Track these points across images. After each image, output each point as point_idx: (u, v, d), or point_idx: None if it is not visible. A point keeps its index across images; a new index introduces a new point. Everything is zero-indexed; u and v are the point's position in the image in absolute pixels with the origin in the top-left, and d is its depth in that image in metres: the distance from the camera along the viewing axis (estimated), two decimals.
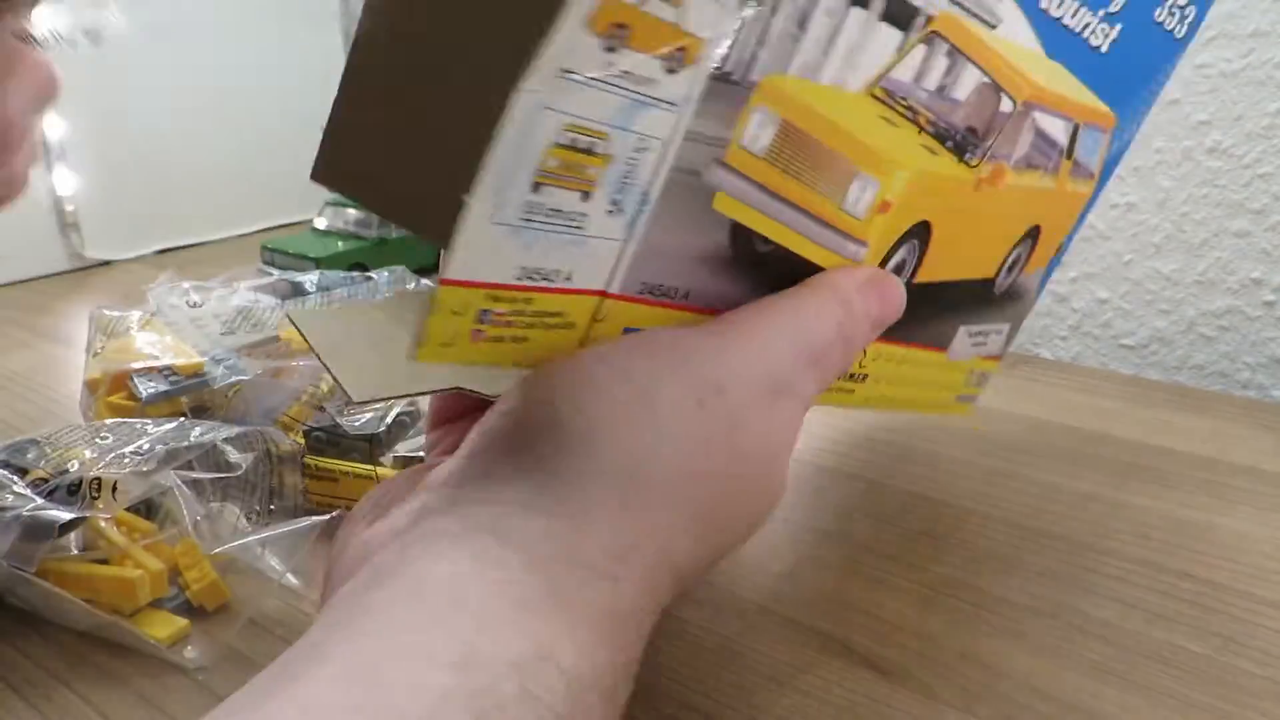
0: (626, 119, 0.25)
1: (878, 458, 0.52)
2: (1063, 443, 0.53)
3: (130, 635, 0.37)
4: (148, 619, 0.38)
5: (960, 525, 0.45)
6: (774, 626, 0.38)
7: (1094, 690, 0.35)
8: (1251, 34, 0.60)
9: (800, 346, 0.30)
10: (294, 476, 0.44)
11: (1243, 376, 0.66)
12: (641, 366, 0.28)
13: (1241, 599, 0.40)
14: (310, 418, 0.47)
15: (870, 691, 0.35)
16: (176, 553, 0.39)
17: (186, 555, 0.39)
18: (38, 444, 0.42)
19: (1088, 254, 0.69)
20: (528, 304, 0.27)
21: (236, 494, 0.42)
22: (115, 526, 0.39)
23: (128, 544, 0.39)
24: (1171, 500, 0.47)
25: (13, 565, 0.36)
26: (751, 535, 0.31)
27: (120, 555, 0.38)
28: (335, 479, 0.44)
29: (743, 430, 0.28)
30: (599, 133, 0.25)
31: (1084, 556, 0.43)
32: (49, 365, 0.67)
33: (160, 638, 0.37)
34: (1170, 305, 0.67)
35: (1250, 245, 0.63)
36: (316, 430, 0.45)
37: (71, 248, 0.94)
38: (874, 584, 0.41)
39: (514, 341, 0.28)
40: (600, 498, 0.26)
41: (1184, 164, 0.64)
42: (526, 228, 0.25)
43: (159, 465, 0.40)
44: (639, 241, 0.28)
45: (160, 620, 0.38)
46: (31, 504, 0.37)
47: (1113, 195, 0.67)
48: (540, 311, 0.28)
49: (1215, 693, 0.34)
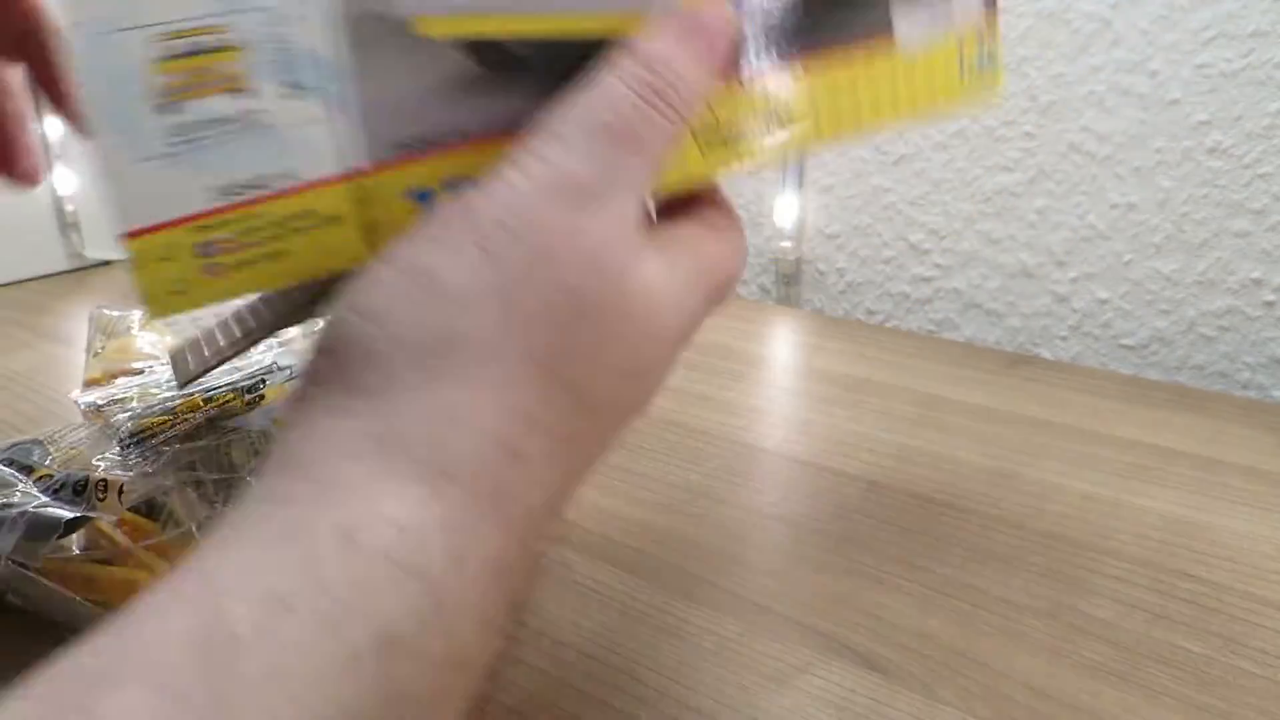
0: (228, 2, 0.23)
1: (878, 458, 0.52)
2: (1063, 443, 0.53)
3: None
4: None
5: (960, 525, 0.45)
6: (774, 626, 0.38)
7: (1094, 690, 0.35)
8: (1251, 34, 0.60)
9: (591, 132, 0.25)
10: None
11: (1243, 376, 0.66)
12: (421, 247, 0.24)
13: (1241, 599, 0.40)
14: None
15: (870, 691, 0.35)
16: (180, 553, 0.39)
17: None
18: (41, 444, 0.42)
19: (1088, 254, 0.69)
20: (256, 219, 0.25)
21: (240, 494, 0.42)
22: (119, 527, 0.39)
23: (131, 544, 0.39)
24: (1171, 500, 0.47)
25: (16, 562, 0.36)
26: (640, 380, 0.28)
27: (124, 556, 0.38)
28: None
29: (549, 258, 0.24)
30: (208, 29, 0.23)
31: (1084, 556, 0.43)
32: (49, 365, 0.67)
33: None
34: (1170, 305, 0.67)
35: (1250, 245, 0.64)
36: None
37: (71, 248, 0.94)
38: (874, 584, 0.41)
39: (272, 259, 0.26)
40: (413, 381, 0.23)
41: (1184, 164, 0.65)
42: (188, 150, 0.24)
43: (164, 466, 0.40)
44: (356, 107, 0.25)
45: None
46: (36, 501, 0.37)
47: (1113, 195, 0.67)
48: (279, 219, 0.25)
49: (1215, 693, 0.34)
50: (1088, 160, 0.68)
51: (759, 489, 0.49)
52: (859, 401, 0.59)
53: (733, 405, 0.59)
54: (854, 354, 0.67)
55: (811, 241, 0.83)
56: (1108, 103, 0.66)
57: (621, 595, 0.40)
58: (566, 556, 0.43)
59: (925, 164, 0.75)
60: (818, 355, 0.67)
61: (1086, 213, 0.69)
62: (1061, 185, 0.69)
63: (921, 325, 0.79)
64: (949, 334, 0.77)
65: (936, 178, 0.75)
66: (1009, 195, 0.72)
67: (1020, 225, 0.72)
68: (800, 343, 0.70)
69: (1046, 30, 0.67)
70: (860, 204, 0.79)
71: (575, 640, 0.38)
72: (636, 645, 0.37)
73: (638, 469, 0.51)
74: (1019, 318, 0.74)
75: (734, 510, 0.47)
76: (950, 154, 0.74)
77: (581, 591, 0.41)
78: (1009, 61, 0.69)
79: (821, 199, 0.81)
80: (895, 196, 0.77)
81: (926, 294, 0.78)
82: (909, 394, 0.60)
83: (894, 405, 0.59)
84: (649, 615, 0.39)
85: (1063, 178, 0.69)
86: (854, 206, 0.80)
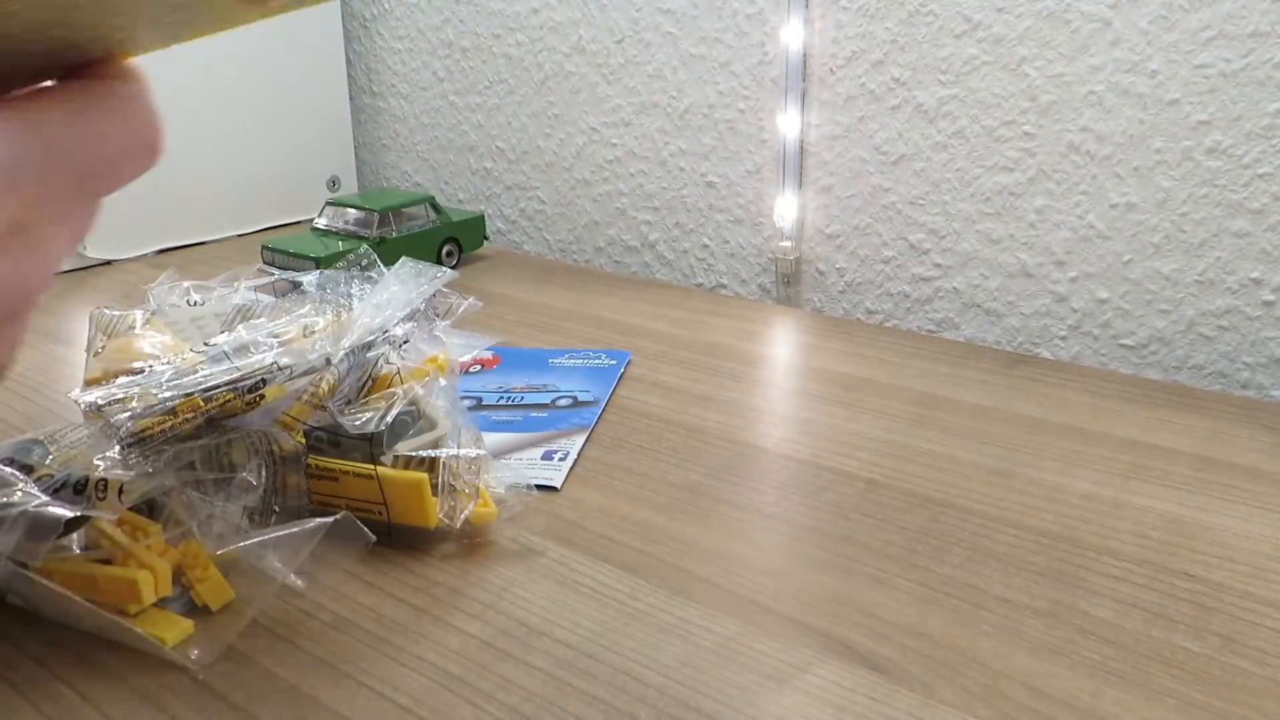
0: None
1: (877, 457, 0.52)
2: (1063, 442, 0.53)
3: (133, 636, 0.37)
4: (151, 619, 0.38)
5: (960, 525, 0.45)
6: (774, 626, 0.38)
7: (1094, 690, 0.35)
8: (1251, 34, 0.60)
9: None
10: (297, 477, 0.44)
11: (1242, 376, 0.66)
12: None
13: (1241, 599, 0.40)
14: (310, 417, 0.47)
15: (870, 691, 0.35)
16: (180, 553, 0.39)
17: (190, 556, 0.39)
18: (41, 443, 0.42)
19: (1088, 254, 0.70)
20: None
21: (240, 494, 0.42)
22: (119, 527, 0.39)
23: (131, 544, 0.39)
24: (1171, 500, 0.47)
25: (16, 562, 0.36)
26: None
27: (123, 555, 0.38)
28: (336, 478, 0.44)
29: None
30: None
31: (1084, 556, 0.43)
32: (49, 365, 0.67)
33: (164, 639, 0.37)
34: (1170, 305, 0.67)
35: (1250, 245, 0.64)
36: (317, 430, 0.45)
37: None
38: (874, 584, 0.41)
39: None
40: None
41: (1184, 164, 0.65)
42: None
43: (164, 466, 0.40)
44: None
45: (164, 620, 0.38)
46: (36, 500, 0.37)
47: (1112, 195, 0.68)
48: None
49: (1215, 693, 0.34)
50: (1087, 160, 0.68)
51: (759, 489, 0.49)
52: (858, 401, 0.59)
53: (733, 405, 0.59)
54: (853, 354, 0.67)
55: (811, 241, 0.83)
56: (1108, 103, 0.66)
57: (621, 595, 0.40)
58: (566, 556, 0.43)
59: (925, 164, 0.75)
60: (817, 355, 0.67)
61: (1086, 212, 0.69)
62: (1061, 185, 0.70)
63: (921, 325, 0.79)
64: (948, 334, 0.77)
65: (936, 178, 0.75)
66: (1009, 195, 0.72)
67: (1020, 225, 0.72)
68: (800, 342, 0.70)
69: (1046, 30, 0.67)
70: (860, 204, 0.79)
71: (575, 640, 0.38)
72: (636, 645, 0.37)
73: (638, 469, 0.51)
74: (1018, 317, 0.74)
75: (734, 510, 0.47)
76: (950, 154, 0.74)
77: (581, 591, 0.41)
78: (1009, 61, 0.69)
79: (821, 199, 0.81)
80: (895, 196, 0.77)
81: (926, 294, 0.78)
82: (908, 393, 0.60)
83: (893, 405, 0.59)
84: (649, 615, 0.39)
85: (1062, 178, 0.69)
86: (854, 206, 0.80)
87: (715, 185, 0.87)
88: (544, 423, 0.56)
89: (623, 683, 0.35)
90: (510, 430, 0.55)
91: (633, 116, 0.91)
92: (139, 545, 0.39)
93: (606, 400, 0.60)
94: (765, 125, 0.83)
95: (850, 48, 0.76)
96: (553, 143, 0.98)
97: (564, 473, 0.51)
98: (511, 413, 0.58)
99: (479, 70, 1.02)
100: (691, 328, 0.73)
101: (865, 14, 0.75)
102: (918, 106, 0.74)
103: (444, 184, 1.10)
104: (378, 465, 0.43)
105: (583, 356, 0.66)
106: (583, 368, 0.64)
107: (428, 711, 0.34)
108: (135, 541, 0.39)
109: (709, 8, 0.83)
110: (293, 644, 0.38)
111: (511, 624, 0.39)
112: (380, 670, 0.36)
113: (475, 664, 0.36)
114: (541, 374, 0.63)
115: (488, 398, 0.60)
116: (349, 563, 0.43)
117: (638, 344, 0.69)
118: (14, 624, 0.39)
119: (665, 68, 0.87)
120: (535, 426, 0.56)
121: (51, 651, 0.37)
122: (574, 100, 0.95)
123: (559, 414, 0.57)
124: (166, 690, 0.35)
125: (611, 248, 0.97)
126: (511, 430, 0.55)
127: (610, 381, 0.62)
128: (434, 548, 0.44)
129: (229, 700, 0.35)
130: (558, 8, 0.93)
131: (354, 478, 0.43)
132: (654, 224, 0.93)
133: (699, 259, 0.91)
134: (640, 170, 0.92)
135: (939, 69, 0.73)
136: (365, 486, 0.43)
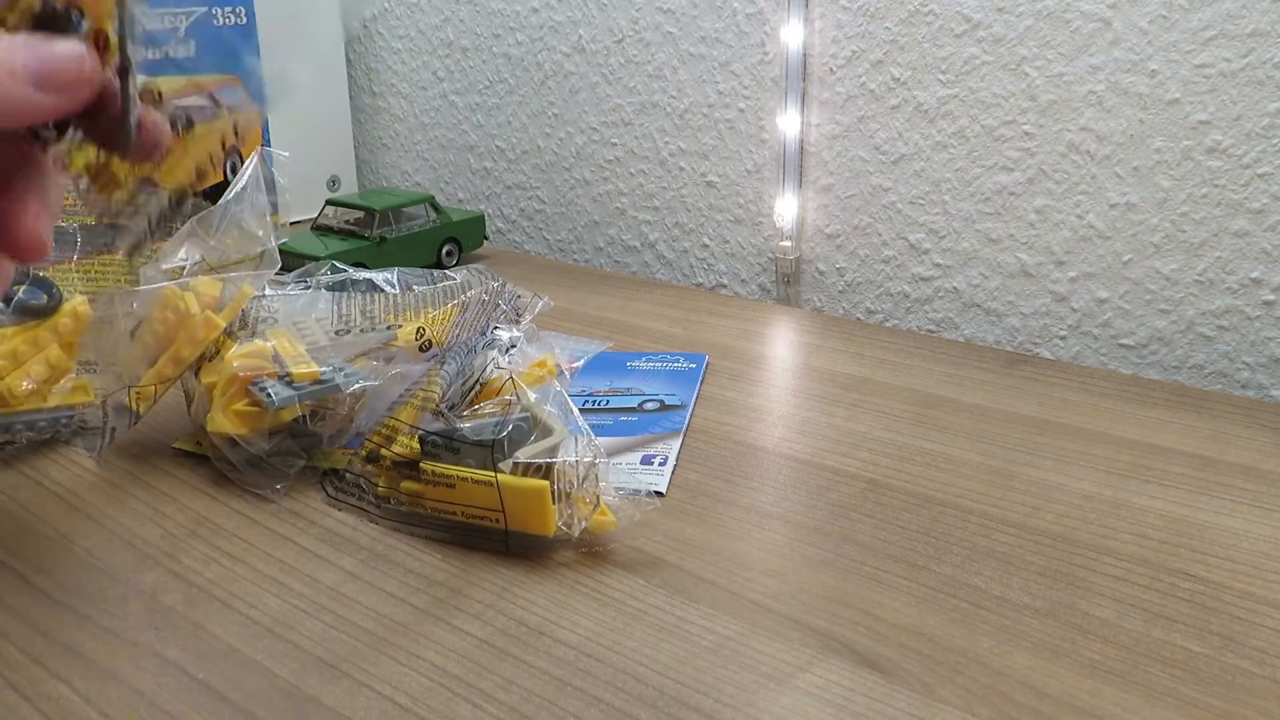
0: None
1: (877, 457, 0.52)
2: (1062, 442, 0.53)
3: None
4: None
5: (960, 525, 0.45)
6: (773, 626, 0.38)
7: (1094, 690, 0.35)
8: (1251, 34, 0.60)
9: None
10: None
11: (1242, 376, 0.66)
12: None
13: (1241, 599, 0.40)
14: (419, 419, 0.46)
15: (870, 691, 0.35)
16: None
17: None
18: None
19: (1088, 254, 0.70)
20: None
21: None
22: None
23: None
24: (1171, 500, 0.47)
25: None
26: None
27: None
28: (453, 484, 0.43)
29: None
30: None
31: (1084, 556, 0.43)
32: None
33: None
34: (1170, 305, 0.67)
35: (1250, 245, 0.64)
36: (433, 435, 0.44)
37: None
38: (874, 584, 0.41)
39: None
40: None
41: (1184, 164, 0.65)
42: None
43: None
44: None
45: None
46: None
47: (1112, 195, 0.68)
48: None
49: (1215, 693, 0.34)
50: (1087, 160, 0.68)
51: (759, 488, 0.49)
52: (858, 401, 0.59)
53: (732, 405, 0.59)
54: (853, 354, 0.67)
55: (811, 241, 0.83)
56: (1107, 102, 0.66)
57: (621, 595, 0.40)
58: (567, 556, 0.43)
59: (925, 164, 0.75)
60: (817, 355, 0.67)
61: (1086, 212, 0.69)
62: (1061, 185, 0.70)
63: (921, 325, 0.79)
64: (948, 334, 0.77)
65: (936, 177, 0.75)
66: (1009, 195, 0.72)
67: (1020, 225, 0.72)
68: (800, 342, 0.70)
69: (1046, 30, 0.67)
70: (860, 204, 0.79)
71: (575, 640, 0.38)
72: (636, 645, 0.37)
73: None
74: (1018, 317, 0.74)
75: (734, 510, 0.47)
76: (950, 154, 0.74)
77: (581, 591, 0.41)
78: (1009, 61, 0.69)
79: (821, 199, 0.81)
80: (895, 196, 0.77)
81: (926, 294, 0.78)
82: (908, 393, 0.60)
83: (893, 405, 0.59)
84: (649, 615, 0.39)
85: (1062, 177, 0.69)
86: (854, 206, 0.80)
87: (715, 185, 0.87)
88: (634, 426, 0.56)
89: (623, 683, 0.35)
90: (601, 435, 0.54)
91: (633, 116, 0.91)
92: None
93: (694, 403, 0.59)
94: (765, 125, 0.83)
95: (850, 47, 0.76)
96: (553, 142, 0.98)
97: (666, 478, 0.50)
98: (600, 416, 0.57)
99: (479, 70, 1.02)
100: (691, 327, 0.73)
101: (865, 14, 0.75)
102: (918, 106, 0.74)
103: (444, 184, 1.10)
104: (497, 472, 0.42)
105: (660, 360, 0.66)
106: (663, 370, 0.64)
107: (428, 711, 0.34)
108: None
109: (709, 7, 0.83)
110: (293, 644, 0.38)
111: (511, 624, 0.39)
112: (380, 670, 0.36)
113: (475, 664, 0.36)
114: (622, 377, 0.63)
115: (573, 401, 0.59)
116: (347, 562, 0.43)
117: (638, 344, 0.69)
118: (14, 622, 0.39)
119: (665, 67, 0.87)
120: (626, 430, 0.55)
121: (52, 650, 0.37)
122: (574, 100, 0.95)
123: (648, 418, 0.57)
124: (166, 690, 0.35)
125: (611, 247, 0.97)
126: (602, 435, 0.54)
127: (693, 384, 0.62)
128: (434, 548, 0.44)
129: (229, 700, 0.35)
130: (558, 8, 0.93)
131: (472, 484, 0.42)
132: (654, 224, 0.93)
133: (699, 259, 0.91)
134: (640, 170, 0.92)
135: (939, 69, 0.73)
136: (483, 493, 0.42)
